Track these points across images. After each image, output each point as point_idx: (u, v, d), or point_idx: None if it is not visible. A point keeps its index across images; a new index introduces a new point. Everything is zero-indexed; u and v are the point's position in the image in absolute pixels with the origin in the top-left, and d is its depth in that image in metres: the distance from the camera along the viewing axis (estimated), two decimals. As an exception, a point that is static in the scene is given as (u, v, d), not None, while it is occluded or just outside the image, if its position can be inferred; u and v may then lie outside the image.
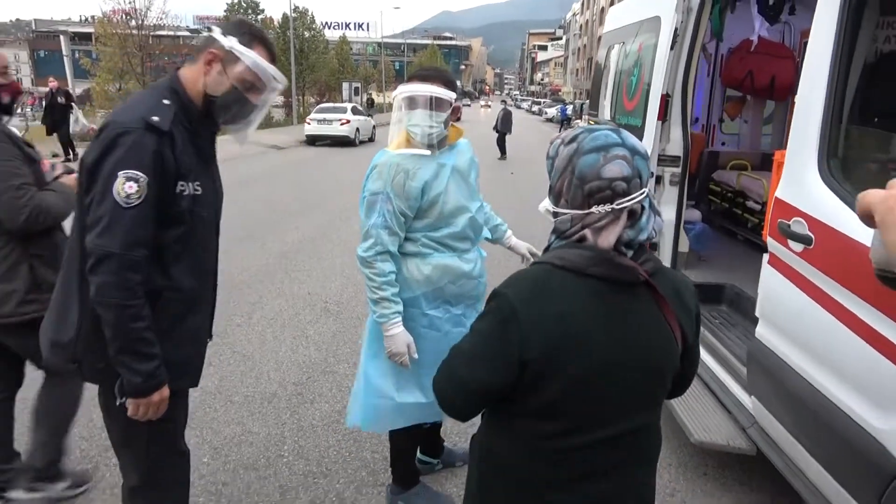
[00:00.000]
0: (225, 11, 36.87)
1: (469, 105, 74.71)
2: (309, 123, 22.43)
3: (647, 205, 1.28)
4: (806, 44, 5.37)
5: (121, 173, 1.61)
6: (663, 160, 3.91)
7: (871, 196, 0.94)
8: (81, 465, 3.05)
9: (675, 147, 3.90)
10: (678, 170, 3.92)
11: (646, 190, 1.28)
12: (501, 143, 19.02)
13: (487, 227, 2.78)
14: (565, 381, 1.27)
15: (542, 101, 69.83)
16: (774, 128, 5.90)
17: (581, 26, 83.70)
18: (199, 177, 1.83)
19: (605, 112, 5.16)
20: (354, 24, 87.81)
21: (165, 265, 1.78)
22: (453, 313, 2.48)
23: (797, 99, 2.45)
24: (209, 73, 1.79)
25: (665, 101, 3.83)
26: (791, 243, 2.35)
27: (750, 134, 5.94)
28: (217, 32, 1.79)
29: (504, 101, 25.36)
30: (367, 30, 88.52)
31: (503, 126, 18.83)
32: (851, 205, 2.10)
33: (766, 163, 5.75)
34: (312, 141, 22.36)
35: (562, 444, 1.32)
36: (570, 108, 38.75)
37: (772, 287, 2.51)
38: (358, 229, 2.47)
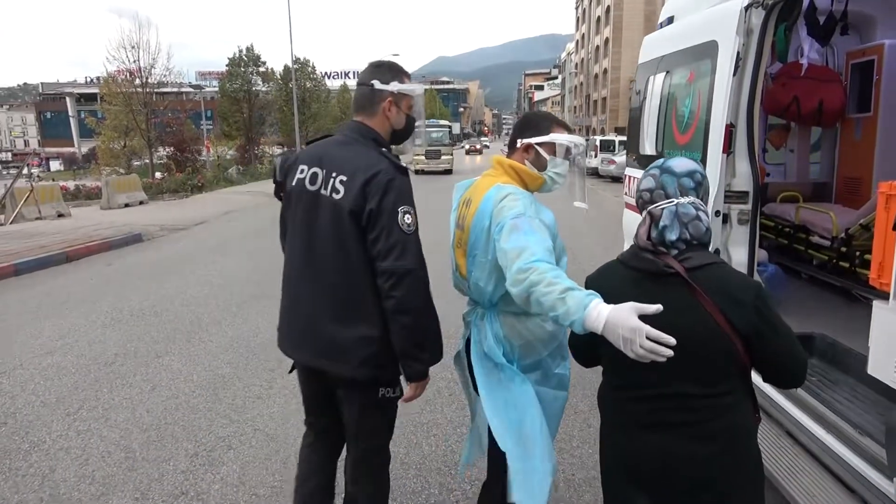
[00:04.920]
0: (227, 66, 37.20)
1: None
2: (314, 171, 22.26)
3: (671, 211, 1.65)
4: (853, 66, 5.08)
5: (400, 209, 2.02)
6: (729, 196, 3.50)
7: None
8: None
9: (743, 181, 3.49)
10: (747, 206, 3.50)
11: (674, 200, 1.66)
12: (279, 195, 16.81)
13: None
14: (610, 345, 1.56)
15: (543, 139, 69.99)
16: (823, 156, 5.51)
17: (576, 65, 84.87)
18: None
19: (647, 147, 4.78)
20: (354, 72, 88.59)
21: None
22: (568, 367, 2.30)
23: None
24: (392, 116, 2.20)
25: (729, 131, 3.44)
26: (952, 296, 1.91)
27: (797, 163, 5.55)
28: (379, 84, 2.17)
29: (282, 145, 19.67)
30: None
31: (282, 175, 16.66)
32: None
33: (818, 193, 5.35)
34: (318, 188, 22.14)
35: (621, 395, 1.75)
36: (573, 145, 38.56)
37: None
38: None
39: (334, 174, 2.09)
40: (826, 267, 4.35)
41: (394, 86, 2.17)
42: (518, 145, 2.20)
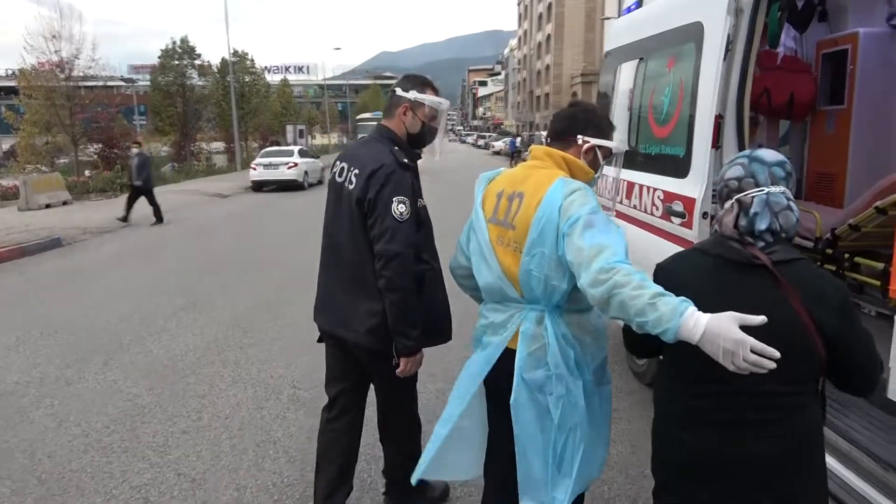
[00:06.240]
0: (159, 57, 35.41)
1: None
2: (254, 168, 21.35)
3: (762, 199, 1.59)
4: (824, 56, 4.84)
5: (395, 199, 2.30)
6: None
7: None
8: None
9: (732, 180, 3.14)
10: (737, 207, 3.15)
11: (765, 189, 1.60)
12: (132, 200, 13.17)
13: None
14: None
15: (488, 134, 70.20)
16: (792, 151, 5.27)
17: (519, 61, 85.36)
18: (421, 192, 2.48)
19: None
20: (295, 67, 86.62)
21: (419, 253, 2.40)
22: None
23: None
24: (406, 120, 2.48)
25: (718, 123, 3.09)
26: None
27: (766, 159, 5.29)
28: (400, 91, 2.47)
29: (139, 143, 17.76)
30: (308, 72, 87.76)
31: (139, 175, 12.91)
32: None
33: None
34: (259, 187, 21.29)
35: (686, 390, 1.69)
36: (518, 140, 38.63)
37: None
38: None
39: (352, 168, 2.43)
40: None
41: (411, 94, 2.46)
42: (579, 141, 2.08)
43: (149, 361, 5.06)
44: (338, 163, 2.55)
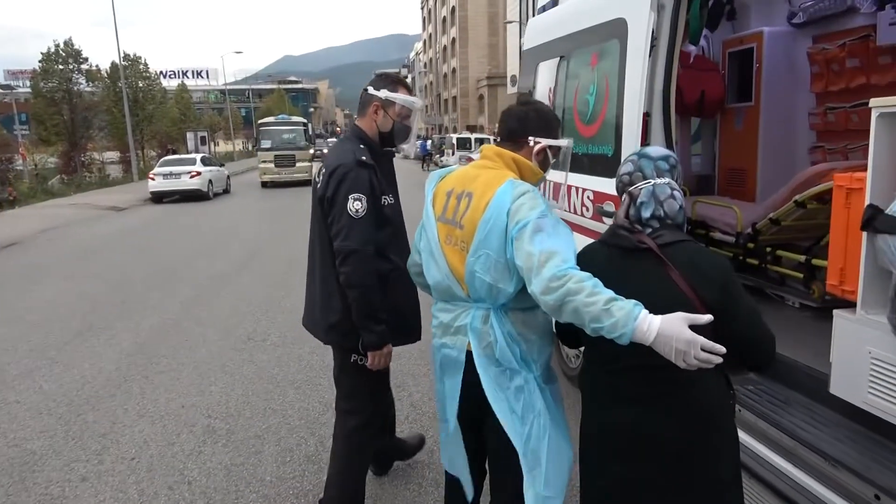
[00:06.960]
0: (40, 62, 32.83)
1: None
2: (153, 179, 20.12)
3: (648, 190, 1.74)
4: (731, 54, 4.98)
5: (350, 196, 2.36)
6: (647, 196, 3.10)
7: None
8: None
9: (661, 178, 3.10)
10: (666, 205, 3.12)
11: (651, 181, 1.76)
12: None
13: None
14: None
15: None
16: (703, 148, 5.41)
17: (425, 64, 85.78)
18: (390, 191, 2.56)
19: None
20: (193, 71, 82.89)
21: (384, 253, 2.49)
22: None
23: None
24: (377, 119, 2.55)
25: (646, 121, 3.04)
26: None
27: (680, 156, 5.39)
28: (372, 90, 2.54)
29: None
30: (208, 77, 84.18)
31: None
32: None
33: (701, 186, 5.23)
34: (159, 198, 20.09)
35: (598, 370, 1.84)
36: (429, 143, 38.61)
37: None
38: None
39: (323, 168, 2.50)
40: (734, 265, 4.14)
41: (383, 93, 2.51)
42: (530, 142, 2.05)
43: (38, 399, 4.50)
44: (320, 164, 2.64)
